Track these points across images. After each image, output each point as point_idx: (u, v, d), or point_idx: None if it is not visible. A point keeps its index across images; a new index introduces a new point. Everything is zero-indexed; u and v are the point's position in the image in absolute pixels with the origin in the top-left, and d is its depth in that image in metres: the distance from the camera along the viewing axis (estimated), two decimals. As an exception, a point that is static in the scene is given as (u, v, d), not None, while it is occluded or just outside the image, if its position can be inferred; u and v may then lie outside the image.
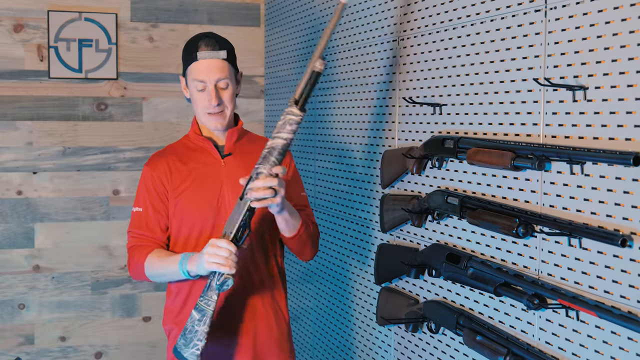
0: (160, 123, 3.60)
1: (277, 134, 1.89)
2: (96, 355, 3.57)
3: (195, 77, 2.08)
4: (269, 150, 1.90)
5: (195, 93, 2.10)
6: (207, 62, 2.07)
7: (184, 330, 2.00)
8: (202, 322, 1.95)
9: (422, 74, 2.16)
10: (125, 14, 3.53)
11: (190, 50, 2.10)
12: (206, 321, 1.95)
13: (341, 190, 2.73)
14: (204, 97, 2.09)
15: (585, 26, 1.53)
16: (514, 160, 1.67)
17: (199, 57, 2.07)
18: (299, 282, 3.20)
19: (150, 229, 2.14)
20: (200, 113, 2.12)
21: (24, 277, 3.46)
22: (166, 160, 2.16)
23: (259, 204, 1.91)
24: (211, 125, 2.12)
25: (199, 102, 2.10)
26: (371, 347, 2.53)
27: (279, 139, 1.89)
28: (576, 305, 1.50)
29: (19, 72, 3.40)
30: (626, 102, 1.43)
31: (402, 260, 2.17)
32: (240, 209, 1.94)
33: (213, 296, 1.94)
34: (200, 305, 1.96)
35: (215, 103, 2.07)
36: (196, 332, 1.95)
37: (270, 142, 1.90)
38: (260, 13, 3.72)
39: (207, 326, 1.95)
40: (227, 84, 2.10)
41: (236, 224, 1.93)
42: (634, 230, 1.41)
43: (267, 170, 1.89)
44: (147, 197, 2.14)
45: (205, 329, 1.95)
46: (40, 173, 3.45)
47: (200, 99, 2.10)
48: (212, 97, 2.07)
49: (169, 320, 2.19)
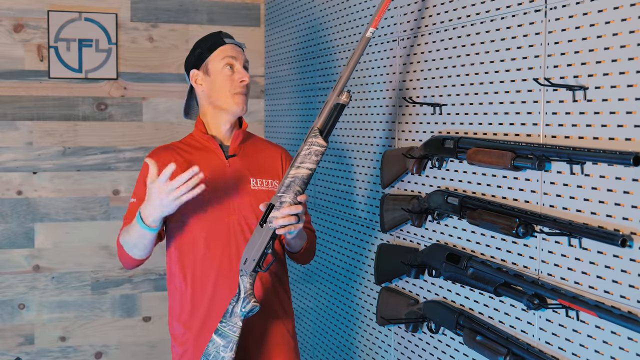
0: (161, 123, 3.60)
1: (301, 163, 1.89)
2: (96, 355, 3.57)
3: (227, 55, 2.14)
4: (292, 179, 1.90)
5: (222, 75, 2.14)
6: (235, 47, 2.18)
7: (206, 355, 1.97)
8: (228, 348, 1.94)
9: (422, 74, 2.16)
10: (125, 14, 3.53)
11: (214, 40, 2.17)
12: (232, 347, 1.94)
13: (341, 190, 2.73)
14: (234, 76, 2.14)
15: (585, 26, 1.53)
16: (514, 160, 1.67)
17: (227, 42, 2.17)
18: (299, 282, 3.20)
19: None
20: (227, 95, 2.14)
21: (24, 277, 3.46)
22: (169, 154, 2.15)
23: (283, 230, 1.92)
24: (238, 106, 2.14)
25: (227, 83, 2.14)
26: (371, 347, 2.53)
27: (304, 169, 1.90)
28: (576, 305, 1.50)
29: (19, 72, 3.40)
30: (626, 102, 1.43)
31: (402, 260, 2.17)
32: (262, 236, 1.95)
33: (238, 322, 1.94)
34: (224, 332, 1.95)
35: (248, 79, 2.14)
36: (222, 358, 1.94)
37: (293, 171, 1.90)
38: (260, 13, 3.72)
39: (233, 352, 1.94)
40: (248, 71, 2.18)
41: (260, 250, 1.94)
42: (634, 230, 1.41)
43: (292, 199, 1.90)
44: (144, 189, 2.13)
45: (232, 355, 1.94)
46: (40, 173, 3.46)
47: (227, 77, 2.14)
48: (244, 74, 2.14)
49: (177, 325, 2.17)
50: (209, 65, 2.15)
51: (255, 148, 2.22)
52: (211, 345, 1.96)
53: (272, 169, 2.20)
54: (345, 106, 1.90)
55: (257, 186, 2.14)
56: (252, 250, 1.95)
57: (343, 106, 1.90)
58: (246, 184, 2.14)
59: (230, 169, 2.14)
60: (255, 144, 2.24)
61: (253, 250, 1.95)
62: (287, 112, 3.37)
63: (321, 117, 1.91)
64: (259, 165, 2.18)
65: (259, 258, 1.94)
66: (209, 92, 2.15)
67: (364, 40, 1.93)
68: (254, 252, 1.95)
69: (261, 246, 1.94)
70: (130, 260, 2.10)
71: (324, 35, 2.89)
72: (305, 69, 3.10)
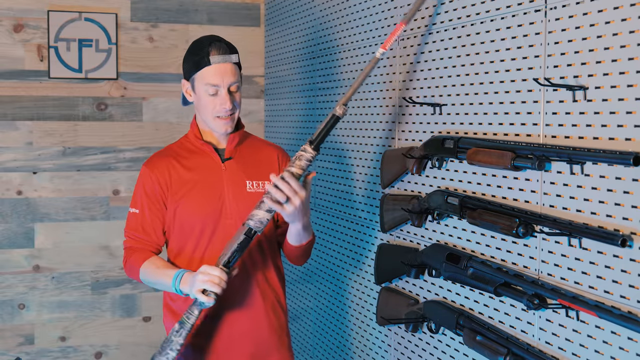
0: (160, 123, 3.60)
1: (288, 168, 1.96)
2: (96, 355, 3.57)
3: (209, 82, 2.06)
4: None
5: (206, 97, 2.09)
6: (220, 67, 2.07)
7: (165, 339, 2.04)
8: (179, 333, 2.00)
9: (422, 74, 2.16)
10: (125, 14, 3.53)
11: (201, 55, 2.07)
12: (183, 334, 1.99)
13: (341, 190, 2.73)
14: (216, 101, 2.08)
15: (585, 26, 1.53)
16: (514, 160, 1.67)
17: (212, 61, 2.06)
18: (298, 282, 3.20)
19: (146, 231, 2.14)
20: (209, 117, 2.11)
21: (24, 277, 3.46)
22: (166, 162, 2.15)
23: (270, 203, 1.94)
24: (220, 128, 2.12)
25: (209, 106, 2.09)
26: (371, 347, 2.53)
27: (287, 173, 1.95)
28: (576, 305, 1.50)
29: (19, 72, 3.40)
30: (626, 102, 1.43)
31: (402, 260, 2.17)
32: (238, 233, 1.99)
33: (195, 311, 1.99)
34: (182, 318, 2.00)
35: (229, 107, 2.08)
36: (172, 341, 2.00)
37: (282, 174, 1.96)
38: (260, 13, 3.72)
39: (182, 338, 2.00)
40: (238, 87, 2.12)
41: (232, 248, 1.98)
42: (634, 230, 1.41)
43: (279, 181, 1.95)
44: (144, 200, 2.14)
45: (180, 341, 2.00)
46: (40, 173, 3.45)
47: (211, 103, 2.09)
48: (227, 100, 2.07)
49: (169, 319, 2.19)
50: (194, 82, 2.10)
51: (251, 149, 2.21)
52: (171, 330, 2.03)
53: (268, 170, 2.19)
54: (340, 119, 1.97)
55: (254, 189, 2.15)
56: (229, 245, 1.99)
57: (338, 118, 1.96)
58: (242, 188, 2.14)
59: (227, 173, 2.14)
60: (251, 144, 2.23)
61: (229, 246, 1.99)
62: (287, 112, 3.37)
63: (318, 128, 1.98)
64: (255, 167, 2.18)
65: (230, 255, 1.97)
66: (197, 106, 2.15)
67: (374, 61, 1.99)
68: (228, 248, 1.99)
69: (234, 243, 1.98)
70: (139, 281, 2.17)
71: (324, 35, 2.89)
72: (305, 69, 3.10)
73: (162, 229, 2.15)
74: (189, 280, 1.99)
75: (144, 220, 2.14)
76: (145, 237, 2.14)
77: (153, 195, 2.13)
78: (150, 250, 2.15)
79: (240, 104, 2.14)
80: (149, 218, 2.14)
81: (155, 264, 2.10)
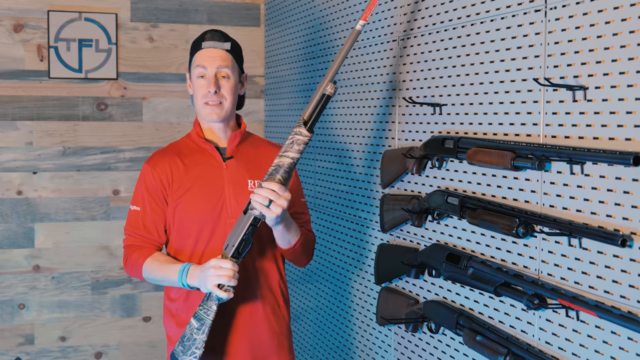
0: (161, 123, 3.60)
1: (284, 152, 1.93)
2: (96, 355, 3.57)
3: (198, 63, 2.09)
4: (275, 168, 1.94)
5: (197, 82, 2.11)
6: (210, 51, 2.10)
7: (182, 337, 2.02)
8: (200, 330, 1.97)
9: (422, 74, 2.16)
10: (125, 14, 3.53)
11: (197, 41, 2.13)
12: (205, 330, 1.97)
13: (341, 190, 2.73)
14: (204, 84, 2.09)
15: (585, 26, 1.53)
16: (514, 160, 1.67)
17: (204, 45, 2.10)
18: (299, 282, 3.20)
19: (147, 229, 2.14)
20: (199, 103, 2.11)
21: (24, 277, 3.46)
22: (168, 160, 2.15)
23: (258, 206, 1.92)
24: (208, 116, 2.11)
25: (198, 91, 2.11)
26: (371, 347, 2.53)
27: (286, 158, 1.92)
28: (576, 305, 1.50)
29: (19, 72, 3.40)
30: (626, 102, 1.43)
31: (402, 260, 2.17)
32: (243, 223, 1.97)
33: (213, 306, 1.97)
34: (199, 314, 1.98)
35: (213, 89, 2.06)
36: (194, 340, 1.97)
37: (277, 160, 1.94)
38: (260, 13, 3.72)
39: (205, 335, 1.97)
40: (228, 74, 2.10)
41: (239, 238, 1.96)
42: (634, 230, 1.41)
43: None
44: (146, 197, 2.14)
45: (203, 338, 1.97)
46: (40, 173, 3.46)
47: (199, 87, 2.10)
48: (211, 83, 2.07)
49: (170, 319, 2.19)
50: (191, 71, 2.15)
51: (253, 148, 2.21)
52: (187, 327, 2.00)
53: None
54: (331, 97, 1.92)
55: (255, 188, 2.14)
56: (233, 236, 1.98)
57: (329, 97, 1.92)
58: (244, 187, 2.13)
59: (228, 172, 2.14)
60: (253, 144, 2.23)
61: (234, 237, 1.97)
62: (287, 112, 3.37)
63: (308, 108, 1.93)
64: (256, 166, 2.17)
65: (238, 244, 1.96)
66: (192, 97, 2.17)
67: (354, 33, 1.95)
68: (234, 238, 1.97)
69: (241, 233, 1.96)
70: (142, 279, 2.15)
71: (324, 35, 2.89)
72: (305, 69, 3.10)
73: (163, 227, 2.15)
74: (197, 274, 1.97)
75: (145, 217, 2.14)
76: (147, 234, 2.14)
77: (154, 193, 2.13)
78: (152, 247, 2.15)
79: (233, 94, 2.11)
80: (150, 215, 2.13)
81: (159, 260, 2.09)
